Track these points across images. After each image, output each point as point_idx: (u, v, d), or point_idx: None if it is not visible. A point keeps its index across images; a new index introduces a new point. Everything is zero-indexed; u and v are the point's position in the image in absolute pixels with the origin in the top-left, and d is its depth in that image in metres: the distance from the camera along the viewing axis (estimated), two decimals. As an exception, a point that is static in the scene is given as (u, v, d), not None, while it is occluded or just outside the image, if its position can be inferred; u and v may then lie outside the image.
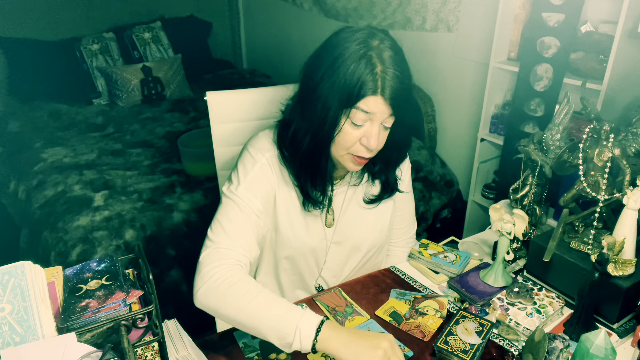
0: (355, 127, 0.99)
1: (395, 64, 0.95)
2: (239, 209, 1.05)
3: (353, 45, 0.95)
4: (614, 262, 1.03)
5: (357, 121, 0.98)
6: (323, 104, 0.98)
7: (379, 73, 0.94)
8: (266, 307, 0.91)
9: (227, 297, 0.93)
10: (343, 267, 1.26)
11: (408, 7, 2.78)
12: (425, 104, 2.79)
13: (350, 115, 0.97)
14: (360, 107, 0.96)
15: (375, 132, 0.98)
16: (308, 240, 1.17)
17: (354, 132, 0.99)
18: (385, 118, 0.98)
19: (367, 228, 1.23)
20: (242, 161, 1.11)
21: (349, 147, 1.01)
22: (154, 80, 3.37)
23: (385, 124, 1.00)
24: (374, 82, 0.94)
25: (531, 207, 1.38)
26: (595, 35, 1.96)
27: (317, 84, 0.98)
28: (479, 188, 2.56)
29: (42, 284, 0.72)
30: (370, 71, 0.94)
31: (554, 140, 1.30)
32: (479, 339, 0.99)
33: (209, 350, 1.00)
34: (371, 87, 0.94)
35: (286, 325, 0.88)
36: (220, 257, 0.99)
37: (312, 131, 1.02)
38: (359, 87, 0.94)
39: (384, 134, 1.02)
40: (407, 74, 0.98)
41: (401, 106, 0.98)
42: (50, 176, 2.36)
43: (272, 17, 4.04)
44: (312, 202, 1.11)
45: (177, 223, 2.02)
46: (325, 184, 1.11)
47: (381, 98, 0.95)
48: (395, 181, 1.21)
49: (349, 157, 1.04)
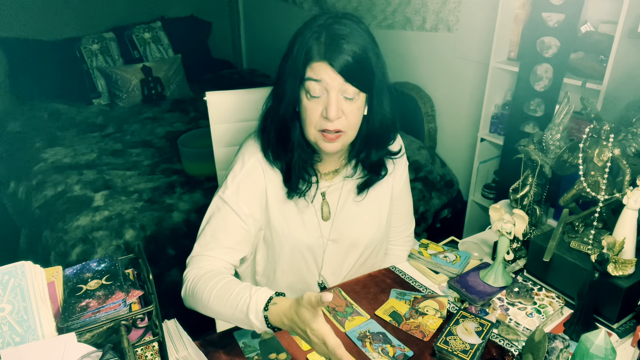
0: (313, 99, 1.00)
1: (344, 33, 0.98)
2: (222, 216, 1.10)
3: (310, 26, 1.00)
4: (614, 262, 1.03)
5: (313, 92, 1.00)
6: (283, 82, 1.03)
7: (322, 40, 0.98)
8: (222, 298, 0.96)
9: (196, 299, 1.02)
10: (342, 265, 1.26)
11: (408, 7, 2.78)
12: (425, 104, 2.79)
13: (305, 87, 1.00)
14: (310, 76, 0.99)
15: (333, 100, 0.99)
16: (304, 236, 1.18)
17: (314, 107, 1.01)
18: (342, 87, 0.99)
19: (364, 225, 1.23)
20: (232, 165, 1.15)
21: (315, 123, 1.03)
22: (154, 80, 3.37)
23: (346, 95, 1.00)
24: (317, 47, 0.97)
25: (531, 207, 1.38)
26: (595, 35, 1.96)
27: (280, 68, 1.04)
28: (479, 188, 2.56)
29: (42, 284, 0.72)
30: (315, 40, 0.98)
31: (554, 140, 1.30)
32: (479, 339, 0.99)
33: (209, 350, 1.01)
34: (315, 52, 0.98)
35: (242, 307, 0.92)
36: (194, 262, 1.08)
37: (278, 112, 1.06)
38: (304, 54, 0.99)
39: (351, 107, 1.02)
40: (362, 44, 0.99)
41: (358, 75, 0.99)
42: (50, 176, 2.36)
43: (272, 17, 4.04)
44: (295, 190, 1.12)
45: (177, 223, 2.02)
46: (304, 170, 1.12)
47: (326, 64, 0.97)
48: (380, 163, 1.19)
49: (319, 135, 1.04)
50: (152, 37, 3.66)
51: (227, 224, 1.10)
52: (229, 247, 1.10)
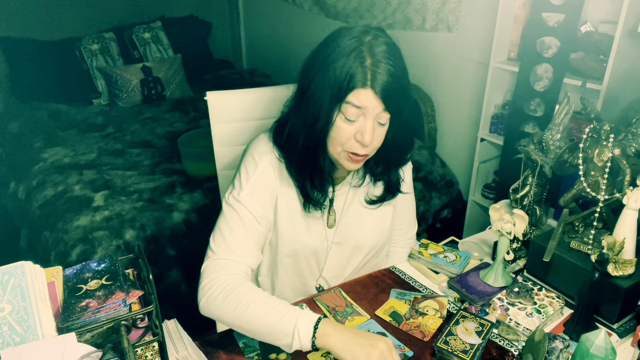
0: (348, 122, 0.98)
1: (386, 58, 0.95)
2: (240, 217, 1.06)
3: (345, 41, 0.96)
4: (614, 262, 1.03)
5: (349, 116, 0.97)
6: (316, 100, 0.98)
7: (368, 66, 0.94)
8: (263, 312, 0.93)
9: (225, 308, 0.96)
10: (344, 267, 1.26)
11: (408, 7, 2.78)
12: (425, 104, 2.79)
13: (342, 109, 0.97)
14: (351, 101, 0.95)
15: (369, 127, 0.98)
16: (309, 241, 1.17)
17: (347, 128, 0.99)
18: (379, 113, 0.98)
19: (368, 228, 1.23)
20: (244, 165, 1.11)
21: (344, 143, 1.01)
22: (154, 80, 3.37)
23: (379, 120, 0.99)
24: (363, 74, 0.93)
25: (531, 207, 1.38)
26: (595, 35, 1.96)
27: (311, 81, 0.99)
28: (479, 188, 2.56)
29: (42, 284, 0.72)
30: (359, 64, 0.93)
31: (554, 140, 1.30)
32: (479, 339, 0.99)
33: (209, 350, 1.01)
34: (360, 79, 0.94)
35: (284, 326, 0.90)
36: (218, 269, 1.02)
37: (306, 128, 1.02)
38: (348, 80, 0.94)
39: (380, 131, 1.01)
40: (400, 69, 0.98)
41: (395, 101, 0.97)
42: (50, 176, 2.36)
43: (272, 17, 4.04)
44: (312, 203, 1.11)
45: (177, 223, 2.02)
46: (324, 183, 1.10)
47: (371, 91, 0.94)
48: (398, 182, 1.20)
49: (345, 155, 1.03)
50: (152, 37, 3.66)
51: (246, 226, 1.06)
52: (250, 249, 1.07)
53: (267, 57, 4.24)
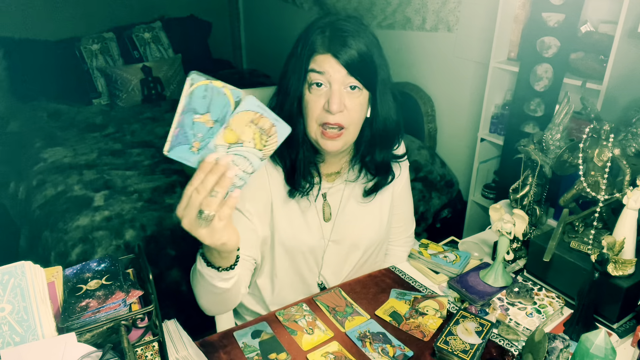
0: (316, 91, 1.01)
1: (347, 29, 1.00)
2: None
3: (315, 23, 1.03)
4: (614, 262, 1.03)
5: (314, 80, 1.01)
6: (288, 79, 1.04)
7: (327, 34, 1.00)
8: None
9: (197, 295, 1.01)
10: (343, 265, 1.26)
11: (408, 7, 2.78)
12: (425, 104, 2.79)
13: (307, 79, 1.01)
14: (314, 68, 1.00)
15: (336, 92, 1.00)
16: (307, 238, 1.18)
17: (317, 100, 1.01)
18: (344, 79, 1.00)
19: (365, 226, 1.23)
20: None
21: (316, 116, 1.03)
22: (154, 80, 3.37)
23: (348, 86, 1.01)
24: (322, 40, 1.00)
25: (531, 207, 1.38)
26: (595, 35, 1.96)
27: (285, 66, 1.05)
28: (479, 188, 2.56)
29: (42, 284, 0.72)
30: (320, 33, 1.01)
31: (554, 140, 1.30)
32: (479, 339, 0.99)
33: (209, 350, 1.00)
34: (319, 44, 1.00)
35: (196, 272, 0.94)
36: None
37: (283, 108, 1.06)
38: (308, 48, 1.01)
39: (352, 102, 1.02)
40: (366, 39, 1.01)
41: (360, 69, 1.00)
42: (50, 176, 2.36)
43: (272, 17, 4.04)
44: (298, 190, 1.12)
45: (177, 223, 2.00)
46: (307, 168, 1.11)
47: (330, 56, 0.99)
48: (389, 165, 1.20)
49: (320, 132, 1.04)
50: (152, 37, 3.66)
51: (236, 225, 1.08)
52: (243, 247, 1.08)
53: (267, 57, 4.24)
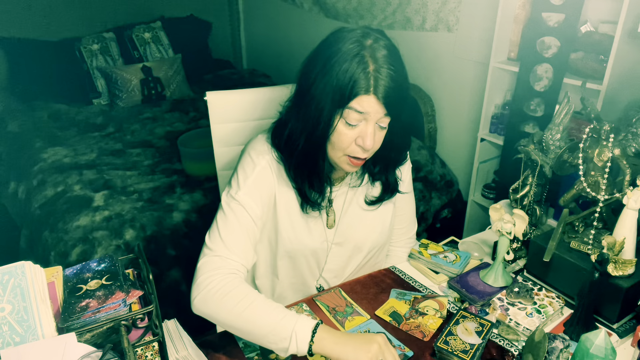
0: (349, 127, 0.98)
1: (388, 63, 0.94)
2: (237, 217, 1.06)
3: (347, 44, 0.95)
4: (614, 262, 1.03)
5: (351, 121, 0.97)
6: (317, 104, 0.97)
7: (371, 72, 0.93)
8: (261, 313, 0.93)
9: (222, 306, 0.96)
10: (345, 267, 1.26)
11: (408, 7, 2.78)
12: (425, 104, 2.79)
13: (343, 115, 0.97)
14: (354, 107, 0.95)
15: (370, 131, 0.98)
16: (309, 241, 1.17)
17: (348, 133, 0.99)
18: (380, 118, 0.98)
19: (368, 229, 1.23)
20: (242, 165, 1.11)
21: (345, 148, 1.01)
22: (154, 80, 3.37)
23: (380, 124, 0.99)
24: (366, 80, 0.93)
25: (531, 207, 1.38)
26: (595, 35, 1.95)
27: (312, 84, 0.98)
28: (479, 188, 2.56)
29: (42, 284, 0.72)
30: (362, 70, 0.93)
31: (554, 140, 1.30)
32: (479, 339, 0.99)
33: (209, 350, 1.00)
34: (363, 86, 0.93)
35: (282, 330, 0.90)
36: (216, 266, 1.01)
37: (306, 132, 1.02)
38: (351, 86, 0.93)
39: (380, 134, 1.02)
40: (401, 73, 0.97)
41: (396, 106, 0.97)
42: (50, 176, 2.36)
43: (272, 17, 4.04)
44: (310, 204, 1.11)
45: (177, 223, 2.02)
46: (322, 185, 1.11)
47: (374, 97, 0.94)
48: (396, 182, 1.21)
49: (345, 159, 1.03)
50: (152, 37, 3.66)
51: (242, 225, 1.06)
52: (246, 249, 1.06)
53: (267, 57, 4.24)
